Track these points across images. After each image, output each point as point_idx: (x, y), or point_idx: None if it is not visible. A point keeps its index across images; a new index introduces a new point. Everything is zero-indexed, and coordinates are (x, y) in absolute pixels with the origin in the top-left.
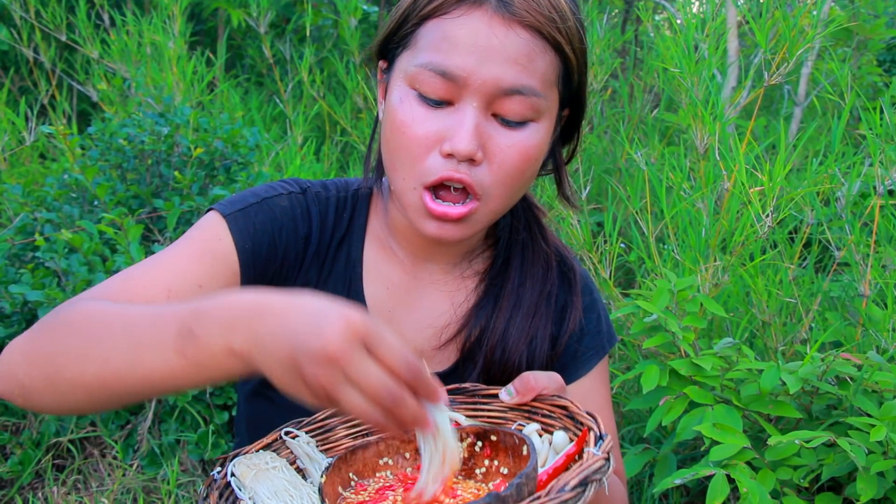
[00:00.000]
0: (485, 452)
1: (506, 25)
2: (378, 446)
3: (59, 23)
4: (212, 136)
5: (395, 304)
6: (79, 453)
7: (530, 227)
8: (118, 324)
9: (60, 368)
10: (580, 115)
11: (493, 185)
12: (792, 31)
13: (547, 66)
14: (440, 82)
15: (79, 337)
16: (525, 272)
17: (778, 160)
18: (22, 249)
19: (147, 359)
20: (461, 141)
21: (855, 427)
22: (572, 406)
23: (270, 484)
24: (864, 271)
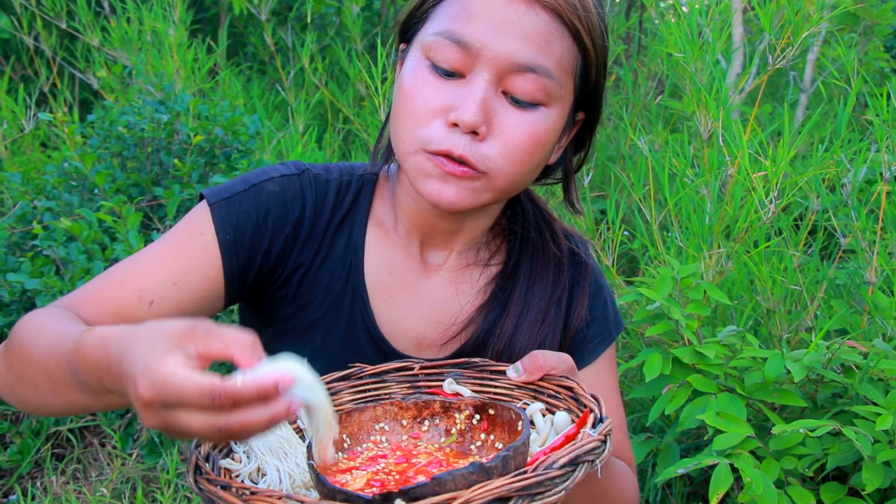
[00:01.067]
0: (482, 426)
1: (526, 4)
2: (375, 410)
3: (59, 10)
4: (212, 123)
5: (398, 289)
6: (78, 443)
7: (541, 229)
8: (39, 350)
9: (16, 384)
10: (595, 120)
11: (497, 161)
12: (797, 14)
13: (563, 51)
14: (454, 51)
15: (18, 357)
16: (534, 277)
17: (781, 144)
18: (21, 238)
19: (63, 390)
20: (467, 111)
21: (860, 416)
22: (577, 388)
23: (266, 439)
24: (870, 258)
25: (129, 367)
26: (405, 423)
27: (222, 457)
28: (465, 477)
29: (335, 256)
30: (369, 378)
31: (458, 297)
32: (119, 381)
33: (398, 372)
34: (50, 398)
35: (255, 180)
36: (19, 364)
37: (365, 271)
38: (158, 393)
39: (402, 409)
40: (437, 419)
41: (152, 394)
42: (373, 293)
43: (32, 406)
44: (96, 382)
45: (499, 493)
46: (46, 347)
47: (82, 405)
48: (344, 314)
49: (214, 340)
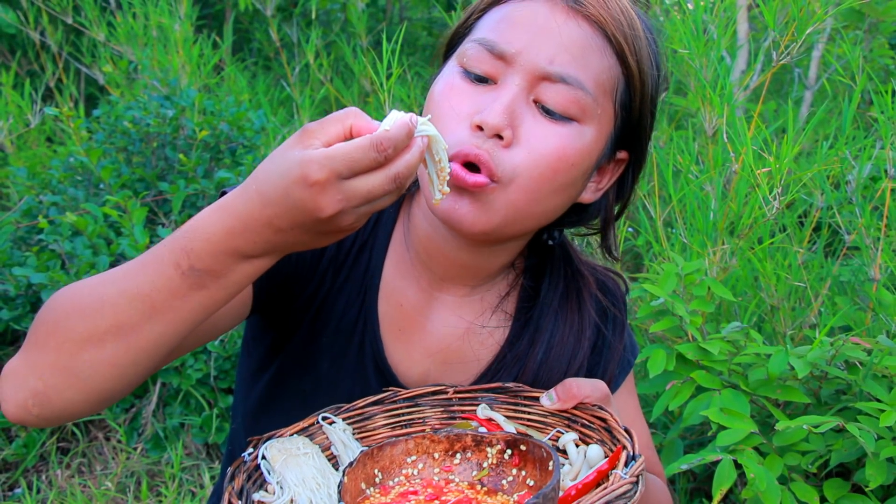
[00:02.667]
0: (513, 461)
1: (568, 14)
2: (407, 444)
3: (65, 6)
4: (217, 119)
5: (408, 322)
6: (83, 436)
7: (568, 295)
8: (109, 290)
9: (75, 354)
10: (640, 162)
11: (518, 170)
12: (801, 11)
13: (603, 68)
14: (487, 57)
15: (76, 318)
16: (551, 351)
17: (785, 141)
18: (27, 232)
19: (165, 308)
20: (492, 113)
21: (864, 412)
22: (611, 420)
23: (299, 470)
24: (874, 255)
25: (281, 181)
26: (437, 457)
27: (256, 489)
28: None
29: (354, 280)
30: (403, 402)
31: (467, 339)
32: (263, 216)
33: (432, 396)
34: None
35: None
36: (86, 336)
37: (379, 299)
38: (330, 169)
39: (434, 442)
40: (468, 453)
41: (325, 172)
42: (383, 322)
43: (87, 367)
44: (228, 257)
45: None
46: (115, 281)
47: (197, 309)
48: (354, 343)
49: (329, 126)
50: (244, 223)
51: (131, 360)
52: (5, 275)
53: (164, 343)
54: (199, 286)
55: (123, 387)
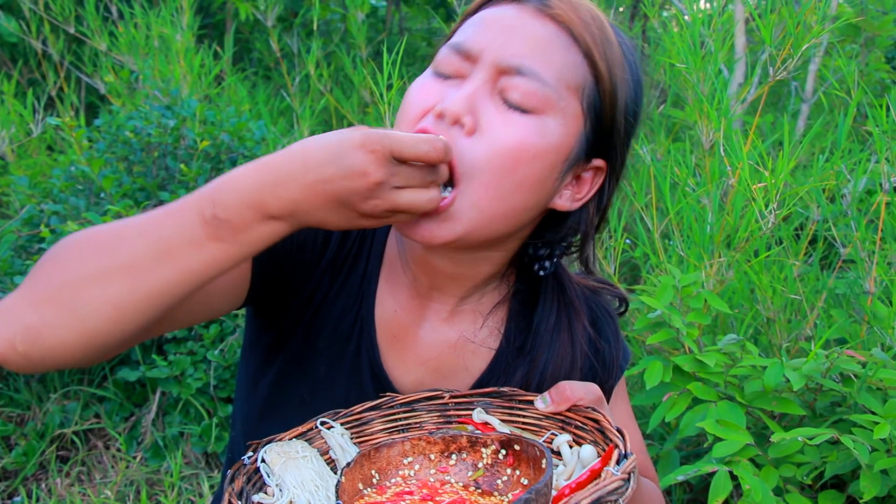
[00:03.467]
0: (507, 461)
1: (535, 14)
2: (403, 445)
3: (67, 15)
4: (218, 129)
5: (402, 330)
6: (83, 445)
7: (559, 326)
8: (128, 232)
9: (79, 290)
10: (617, 172)
11: (478, 163)
12: (797, 26)
13: (567, 63)
14: (455, 58)
15: (89, 256)
16: (545, 379)
17: (782, 156)
18: (28, 241)
19: (180, 254)
20: (450, 100)
21: (859, 424)
22: (604, 421)
23: (298, 473)
24: (869, 268)
25: (336, 143)
26: (433, 458)
27: (255, 491)
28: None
29: (351, 286)
30: (400, 407)
31: (457, 349)
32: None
33: (429, 401)
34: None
35: None
36: (95, 273)
37: (375, 306)
38: (387, 144)
39: (430, 443)
40: (464, 453)
41: (383, 144)
42: (380, 330)
43: (88, 306)
44: (251, 211)
45: None
46: (139, 218)
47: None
48: (351, 348)
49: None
50: (277, 177)
51: (135, 303)
52: (6, 283)
53: (170, 292)
54: (217, 237)
55: (119, 334)
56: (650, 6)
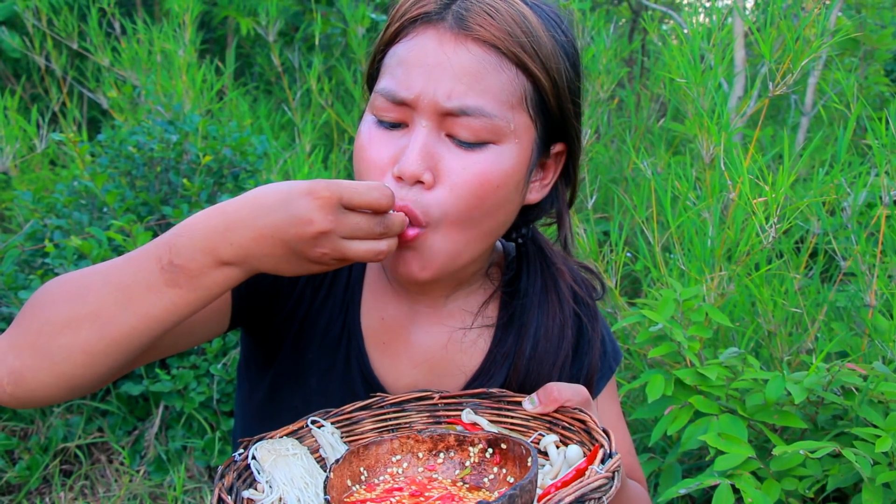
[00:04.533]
0: (494, 460)
1: (456, 41)
2: (392, 443)
3: (70, 31)
4: (220, 143)
5: (390, 335)
6: (86, 459)
7: (546, 288)
8: (96, 279)
9: (52, 337)
10: (575, 151)
11: (445, 209)
12: (796, 42)
13: (503, 84)
14: (391, 107)
15: (61, 304)
16: (538, 344)
17: (782, 170)
18: (31, 255)
19: (140, 300)
20: (407, 162)
21: (860, 438)
22: (590, 421)
23: (288, 470)
24: (870, 281)
25: (285, 191)
26: (421, 456)
27: (245, 487)
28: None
29: (335, 297)
30: (390, 407)
31: (450, 348)
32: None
33: (418, 402)
34: (116, 328)
35: None
36: (65, 321)
37: (361, 315)
38: (335, 190)
39: (419, 441)
40: (451, 452)
41: (330, 191)
42: (368, 338)
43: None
44: (206, 258)
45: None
46: (106, 265)
47: (168, 309)
48: (340, 358)
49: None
50: (229, 223)
51: (103, 349)
52: (10, 298)
53: (137, 337)
54: (173, 283)
55: (94, 376)
56: (649, 21)
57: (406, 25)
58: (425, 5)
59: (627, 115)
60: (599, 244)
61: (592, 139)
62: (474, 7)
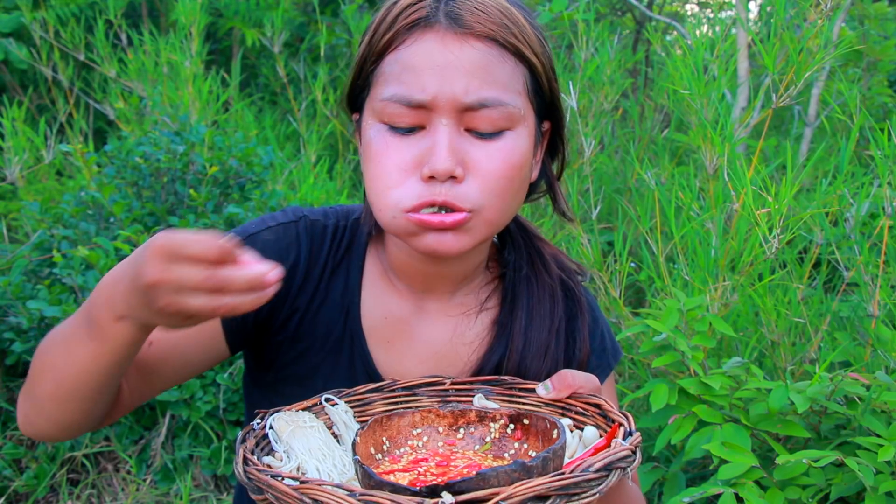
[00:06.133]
0: (515, 435)
1: (459, 40)
2: (413, 416)
3: (77, 42)
4: (226, 154)
5: (395, 334)
6: (93, 468)
7: (532, 260)
8: (57, 334)
9: (34, 387)
10: (561, 126)
11: (482, 197)
12: (799, 54)
13: (509, 73)
14: (407, 111)
15: (37, 358)
16: (532, 312)
17: (785, 182)
18: (39, 265)
19: (75, 352)
20: (439, 160)
21: (863, 447)
22: (605, 405)
23: (306, 441)
24: (873, 291)
25: (132, 263)
26: (441, 431)
27: (264, 455)
28: (507, 474)
29: (332, 302)
30: (402, 391)
31: (455, 340)
32: (127, 295)
33: (429, 387)
34: (63, 375)
35: (254, 230)
36: (39, 368)
37: (362, 317)
38: (170, 240)
39: (439, 416)
40: (472, 427)
41: (164, 240)
42: (370, 338)
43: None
44: (106, 313)
45: (538, 490)
46: (61, 329)
47: (93, 363)
48: (344, 360)
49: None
50: (117, 277)
51: (63, 396)
52: (18, 308)
53: (85, 384)
54: (91, 336)
55: (74, 420)
56: (652, 32)
57: (401, 32)
58: (417, 10)
59: (631, 125)
60: (604, 254)
61: (597, 150)
62: (465, 6)
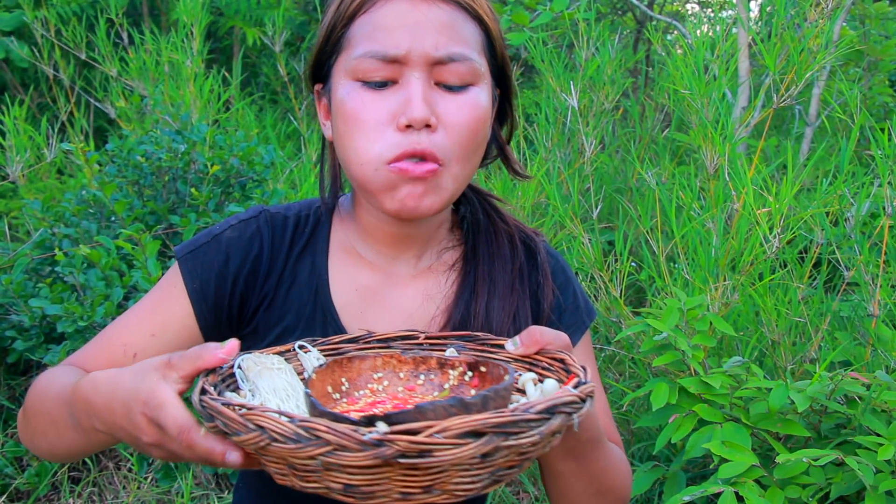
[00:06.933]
0: (472, 382)
1: (427, 2)
2: (375, 360)
3: (78, 41)
4: (227, 153)
5: (367, 304)
6: (94, 466)
7: (487, 212)
8: (49, 398)
9: (32, 436)
10: (510, 93)
11: (451, 147)
12: (800, 54)
13: (471, 33)
14: (381, 65)
15: (33, 406)
16: (493, 254)
17: (785, 182)
18: (40, 264)
19: (64, 434)
20: (414, 108)
21: (863, 446)
22: (568, 359)
23: (271, 381)
24: (873, 291)
25: (125, 415)
26: (402, 376)
27: (229, 391)
28: (445, 409)
29: (300, 284)
30: (376, 343)
31: (426, 302)
32: (111, 415)
33: (404, 340)
34: (56, 442)
35: (218, 230)
36: (33, 417)
37: (332, 292)
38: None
39: (401, 361)
40: (432, 374)
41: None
42: (342, 312)
43: (46, 452)
44: (86, 421)
45: (474, 426)
46: (52, 397)
47: (78, 446)
48: (317, 336)
49: (187, 364)
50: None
51: (72, 457)
52: (20, 306)
53: (77, 450)
54: (75, 428)
55: (84, 453)
56: (652, 32)
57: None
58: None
59: (632, 125)
60: (604, 254)
61: (597, 149)
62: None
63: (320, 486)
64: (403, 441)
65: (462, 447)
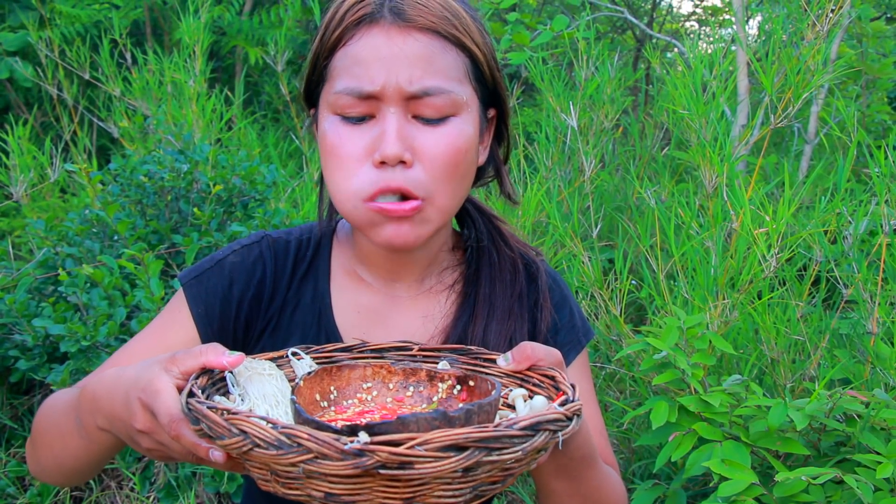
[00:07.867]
0: (461, 396)
1: (403, 33)
2: (365, 370)
3: (82, 61)
4: (230, 172)
5: (369, 325)
6: (97, 485)
7: (492, 236)
8: (56, 412)
9: (38, 456)
10: (506, 112)
11: (431, 182)
12: (797, 75)
13: (450, 63)
14: (357, 102)
15: (40, 425)
16: (494, 279)
17: (783, 201)
18: (43, 283)
19: (69, 443)
20: (388, 145)
21: (862, 464)
22: (559, 376)
23: (262, 387)
24: (871, 309)
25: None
26: (391, 386)
27: (219, 395)
28: (427, 421)
29: (304, 307)
30: (370, 353)
31: (427, 323)
32: (111, 404)
33: (398, 351)
34: (61, 455)
35: (221, 256)
36: (39, 436)
37: (335, 315)
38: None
39: (391, 372)
40: (421, 386)
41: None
42: (345, 333)
43: (53, 469)
44: (90, 419)
45: (456, 440)
46: (59, 409)
47: (82, 455)
48: None
49: (189, 360)
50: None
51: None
52: (23, 325)
53: (83, 461)
54: (79, 434)
55: (88, 472)
56: (651, 51)
57: (349, 28)
58: (363, 7)
59: (632, 143)
60: (604, 272)
61: (597, 168)
62: (407, 1)
63: (302, 493)
64: (384, 452)
65: (443, 460)
